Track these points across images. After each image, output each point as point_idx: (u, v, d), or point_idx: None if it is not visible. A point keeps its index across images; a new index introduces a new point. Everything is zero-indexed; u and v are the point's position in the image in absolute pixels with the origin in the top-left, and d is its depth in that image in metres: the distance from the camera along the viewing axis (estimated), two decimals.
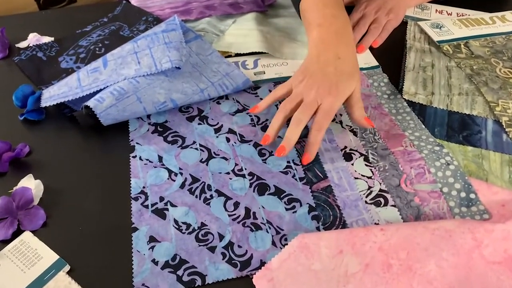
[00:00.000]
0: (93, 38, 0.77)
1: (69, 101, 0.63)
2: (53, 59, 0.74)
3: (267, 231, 0.50)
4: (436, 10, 0.86)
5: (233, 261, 0.48)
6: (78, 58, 0.73)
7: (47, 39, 0.78)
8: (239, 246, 0.49)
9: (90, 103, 0.59)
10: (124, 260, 0.48)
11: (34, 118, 0.63)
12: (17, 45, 0.77)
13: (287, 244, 0.48)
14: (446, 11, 0.86)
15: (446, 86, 0.68)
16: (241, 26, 0.80)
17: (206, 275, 0.47)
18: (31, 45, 0.76)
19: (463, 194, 0.53)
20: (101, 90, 0.62)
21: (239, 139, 0.60)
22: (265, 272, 0.46)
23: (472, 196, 0.53)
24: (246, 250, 0.49)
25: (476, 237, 0.46)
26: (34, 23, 0.83)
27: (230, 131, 0.61)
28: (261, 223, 0.51)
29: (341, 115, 0.64)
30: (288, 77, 0.70)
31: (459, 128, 0.62)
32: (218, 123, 0.63)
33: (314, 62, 0.61)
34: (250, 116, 0.64)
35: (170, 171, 0.56)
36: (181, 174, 0.56)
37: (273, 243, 0.49)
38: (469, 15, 0.85)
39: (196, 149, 0.59)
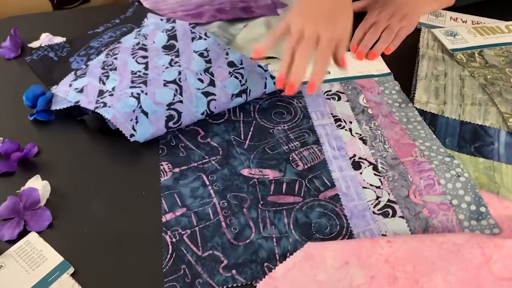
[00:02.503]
0: (104, 40, 0.77)
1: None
2: (64, 59, 0.74)
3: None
4: (451, 18, 0.85)
5: None
6: (89, 59, 0.73)
7: (59, 39, 0.79)
8: None
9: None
10: (129, 264, 0.48)
11: (43, 118, 0.64)
12: (29, 45, 0.78)
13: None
14: (461, 19, 0.85)
15: (458, 96, 0.67)
16: (252, 31, 0.80)
17: None
18: (43, 45, 0.77)
19: (473, 207, 0.52)
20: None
21: None
22: (269, 280, 0.46)
23: (483, 209, 0.52)
24: None
25: (486, 252, 0.45)
26: (46, 23, 0.84)
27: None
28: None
29: (350, 122, 0.63)
30: None
31: (471, 139, 0.61)
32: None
33: None
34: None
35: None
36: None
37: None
38: (484, 23, 0.83)
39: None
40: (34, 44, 0.78)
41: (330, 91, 0.69)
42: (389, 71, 0.73)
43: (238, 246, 0.50)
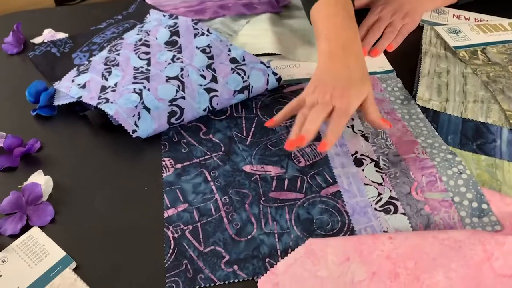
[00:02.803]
0: (107, 36, 0.78)
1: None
2: (67, 55, 0.74)
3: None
4: (454, 15, 0.85)
5: None
6: (91, 55, 0.73)
7: (61, 35, 0.79)
8: None
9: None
10: (131, 259, 0.48)
11: (46, 114, 0.64)
12: (32, 41, 0.78)
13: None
14: (464, 16, 0.85)
15: (461, 93, 0.67)
16: (254, 27, 0.80)
17: None
18: (45, 41, 0.77)
19: (475, 204, 0.52)
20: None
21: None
22: (271, 276, 0.46)
23: (484, 206, 0.52)
24: None
25: (487, 249, 0.45)
26: (49, 19, 0.84)
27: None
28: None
29: (352, 119, 0.63)
30: (301, 79, 0.70)
31: (473, 136, 0.61)
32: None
33: (324, 72, 0.60)
34: None
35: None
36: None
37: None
38: (487, 20, 0.83)
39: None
40: (37, 40, 0.78)
41: None
42: (391, 68, 0.73)
43: (239, 242, 0.50)
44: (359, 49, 0.62)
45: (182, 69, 0.64)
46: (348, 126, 0.62)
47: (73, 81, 0.66)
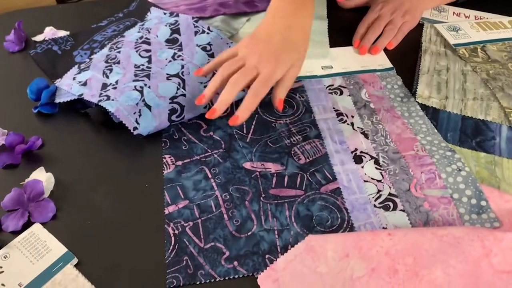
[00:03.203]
0: (108, 33, 0.78)
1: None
2: (68, 53, 0.74)
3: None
4: (454, 13, 0.85)
5: None
6: (92, 53, 0.73)
7: (62, 33, 0.79)
8: None
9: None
10: (132, 255, 0.49)
11: (47, 111, 0.64)
12: (33, 39, 0.79)
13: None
14: (464, 14, 0.85)
15: (460, 91, 0.67)
16: (255, 25, 0.79)
17: None
18: (47, 38, 0.77)
19: (473, 201, 0.52)
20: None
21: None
22: (270, 272, 0.46)
23: (483, 203, 0.52)
24: None
25: (485, 245, 0.46)
26: (50, 17, 0.84)
27: None
28: None
29: (352, 117, 0.64)
30: (300, 77, 0.70)
31: (473, 134, 0.61)
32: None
33: (263, 28, 0.61)
34: None
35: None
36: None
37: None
38: (487, 18, 0.83)
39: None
40: (38, 38, 0.79)
41: (333, 85, 0.69)
42: (391, 65, 0.73)
43: (240, 238, 0.50)
44: (309, 8, 0.62)
45: (182, 67, 0.64)
46: (348, 124, 0.63)
47: (74, 78, 0.66)
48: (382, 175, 0.56)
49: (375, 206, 0.53)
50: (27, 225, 0.51)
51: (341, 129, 0.62)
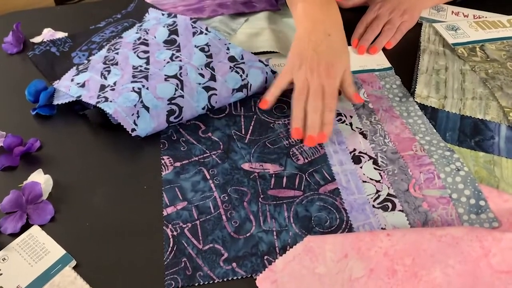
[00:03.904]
0: (106, 35, 0.78)
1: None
2: (66, 54, 0.74)
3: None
4: (452, 12, 0.85)
5: None
6: (90, 54, 0.73)
7: (61, 34, 0.79)
8: None
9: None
10: (130, 257, 0.49)
11: (46, 113, 0.64)
12: (31, 40, 0.78)
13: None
14: (463, 13, 0.85)
15: (459, 90, 0.67)
16: (253, 25, 0.80)
17: None
18: (45, 40, 0.77)
19: (472, 201, 0.52)
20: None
21: None
22: (269, 273, 0.46)
23: (482, 203, 0.52)
24: None
25: (484, 246, 0.46)
26: (49, 18, 0.84)
27: None
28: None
29: (351, 117, 0.64)
30: None
31: (471, 133, 0.61)
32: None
33: (305, 43, 0.62)
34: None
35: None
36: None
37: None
38: (486, 17, 0.83)
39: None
40: (36, 39, 0.79)
41: None
42: (390, 65, 0.73)
43: (238, 239, 0.50)
44: (336, 11, 0.64)
45: (180, 68, 0.64)
46: (346, 124, 0.63)
47: (72, 80, 0.66)
48: (380, 175, 0.56)
49: (373, 206, 0.53)
50: (26, 227, 0.51)
51: (340, 129, 0.62)
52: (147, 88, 0.61)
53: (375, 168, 0.57)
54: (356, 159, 0.58)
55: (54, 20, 0.84)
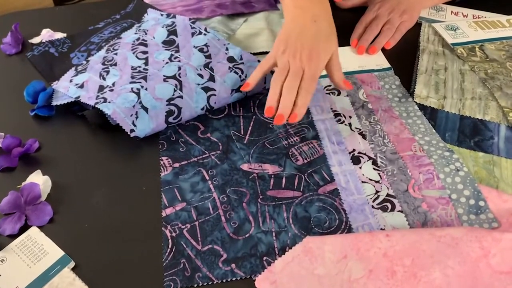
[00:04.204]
0: (105, 35, 0.78)
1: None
2: (65, 55, 0.74)
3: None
4: (452, 12, 0.85)
5: None
6: (89, 55, 0.73)
7: (59, 35, 0.79)
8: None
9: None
10: (129, 258, 0.49)
11: (44, 114, 0.64)
12: (30, 41, 0.78)
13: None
14: (462, 13, 0.85)
15: (458, 90, 0.67)
16: (252, 25, 0.80)
17: None
18: (44, 40, 0.77)
19: (472, 201, 0.52)
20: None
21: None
22: (268, 274, 0.46)
23: (482, 203, 0.52)
24: None
25: (484, 246, 0.46)
26: (47, 19, 0.84)
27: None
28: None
29: (350, 117, 0.64)
30: None
31: (471, 133, 0.61)
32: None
33: (291, 28, 0.62)
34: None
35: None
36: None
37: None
38: (485, 17, 0.83)
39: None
40: (35, 40, 0.78)
41: (330, 85, 0.69)
42: (389, 65, 0.73)
43: (237, 240, 0.50)
44: (327, 1, 0.64)
45: (179, 68, 0.64)
46: (345, 124, 0.62)
47: (71, 81, 0.66)
48: (380, 176, 0.56)
49: (373, 207, 0.53)
50: (24, 228, 0.51)
51: (339, 129, 0.62)
52: (146, 89, 0.61)
53: (374, 169, 0.57)
54: (355, 160, 0.58)
55: (52, 21, 0.83)
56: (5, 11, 0.88)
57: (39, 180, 0.55)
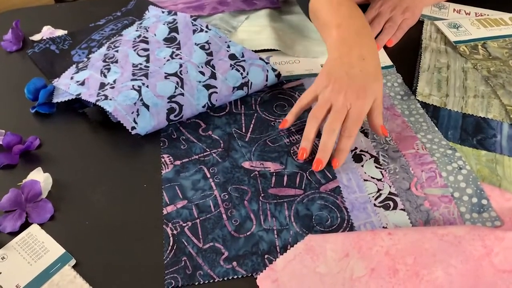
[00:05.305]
0: (106, 32, 0.77)
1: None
2: (66, 52, 0.74)
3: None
4: (454, 10, 0.85)
5: None
6: (90, 52, 0.73)
7: (60, 32, 0.79)
8: None
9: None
10: (130, 256, 0.48)
11: (45, 111, 0.64)
12: (31, 38, 0.78)
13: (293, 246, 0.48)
14: (464, 11, 0.84)
15: (461, 88, 0.67)
16: (253, 23, 0.79)
17: None
18: (44, 38, 0.77)
19: (474, 200, 0.52)
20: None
21: None
22: (270, 272, 0.46)
23: (484, 202, 0.52)
24: None
25: (486, 245, 0.45)
26: (48, 16, 0.84)
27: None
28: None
29: None
30: (300, 75, 0.70)
31: (473, 132, 0.60)
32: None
33: (337, 64, 0.59)
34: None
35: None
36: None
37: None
38: (488, 15, 0.83)
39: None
40: (36, 37, 0.78)
41: None
42: (391, 63, 0.72)
43: (239, 238, 0.50)
44: (372, 38, 0.62)
45: (181, 66, 0.64)
46: None
47: (72, 78, 0.66)
48: (382, 174, 0.55)
49: (375, 205, 0.52)
50: (25, 226, 0.51)
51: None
52: (147, 86, 0.61)
53: (376, 167, 0.56)
54: (357, 158, 0.58)
55: (53, 18, 0.83)
56: (5, 9, 0.88)
57: (40, 178, 0.55)
